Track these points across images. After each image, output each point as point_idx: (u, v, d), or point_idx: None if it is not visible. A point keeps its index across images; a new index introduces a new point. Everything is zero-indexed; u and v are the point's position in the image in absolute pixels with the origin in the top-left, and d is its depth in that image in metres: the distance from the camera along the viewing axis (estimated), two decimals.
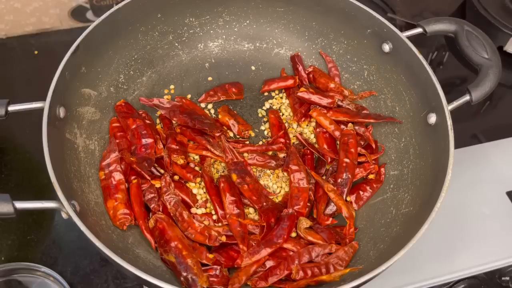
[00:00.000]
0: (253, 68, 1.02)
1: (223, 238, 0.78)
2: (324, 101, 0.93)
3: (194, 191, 0.84)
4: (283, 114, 0.96)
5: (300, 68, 0.99)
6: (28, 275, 0.82)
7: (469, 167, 0.96)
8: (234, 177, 0.83)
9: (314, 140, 0.93)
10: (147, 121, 0.88)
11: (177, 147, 0.85)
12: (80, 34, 0.83)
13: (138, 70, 0.96)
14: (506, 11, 1.13)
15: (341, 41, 0.99)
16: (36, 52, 1.11)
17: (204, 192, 0.85)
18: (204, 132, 0.88)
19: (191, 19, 0.99)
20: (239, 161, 0.85)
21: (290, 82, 0.97)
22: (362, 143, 0.90)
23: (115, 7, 0.88)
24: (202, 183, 0.85)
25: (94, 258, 0.86)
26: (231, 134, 0.92)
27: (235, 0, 0.99)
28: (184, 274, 0.71)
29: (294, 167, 0.84)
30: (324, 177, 0.87)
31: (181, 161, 0.84)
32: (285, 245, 0.78)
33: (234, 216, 0.79)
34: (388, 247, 0.77)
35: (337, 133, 0.90)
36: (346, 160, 0.85)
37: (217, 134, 0.86)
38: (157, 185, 0.82)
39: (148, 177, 0.81)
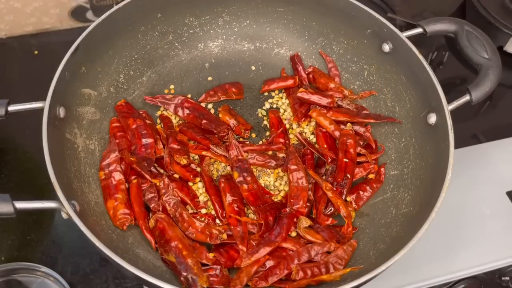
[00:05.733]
0: (253, 68, 1.02)
1: (224, 236, 0.78)
2: (324, 101, 0.93)
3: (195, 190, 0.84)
4: (283, 114, 0.96)
5: (300, 68, 0.99)
6: (28, 275, 0.82)
7: (469, 167, 0.96)
8: (235, 175, 0.83)
9: (314, 140, 0.93)
10: (147, 121, 0.88)
11: (179, 147, 0.85)
12: (80, 34, 0.84)
13: (138, 70, 0.96)
14: (506, 11, 1.13)
15: (341, 41, 0.99)
16: (36, 52, 1.11)
17: (205, 192, 0.85)
18: (207, 130, 0.88)
19: (191, 19, 0.99)
20: (244, 158, 0.85)
21: (290, 82, 0.97)
22: (361, 142, 0.90)
23: (115, 7, 0.88)
24: (202, 183, 0.85)
25: (94, 258, 0.86)
26: None
27: (235, 0, 0.99)
28: (184, 274, 0.71)
29: (293, 167, 0.84)
30: (324, 177, 0.87)
31: (184, 161, 0.83)
32: (285, 245, 0.78)
33: (234, 215, 0.79)
34: (388, 247, 0.77)
35: (337, 133, 0.90)
36: (345, 160, 0.85)
37: (226, 131, 0.87)
38: (158, 184, 0.82)
39: (148, 177, 0.81)
